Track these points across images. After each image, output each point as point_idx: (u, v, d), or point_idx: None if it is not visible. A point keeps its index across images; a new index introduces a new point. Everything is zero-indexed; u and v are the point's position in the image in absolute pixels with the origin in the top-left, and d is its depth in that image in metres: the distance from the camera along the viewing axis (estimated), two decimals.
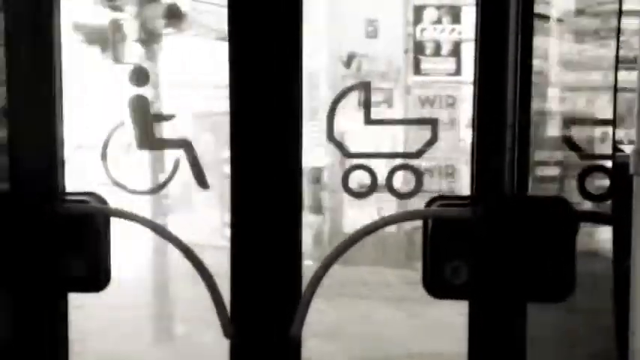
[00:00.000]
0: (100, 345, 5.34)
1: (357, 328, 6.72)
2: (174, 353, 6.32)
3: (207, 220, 9.44)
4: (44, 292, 2.05)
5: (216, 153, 7.62)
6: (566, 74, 2.46)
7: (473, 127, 1.94)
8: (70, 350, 2.16)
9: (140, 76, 2.12)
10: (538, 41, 1.97)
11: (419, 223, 2.09)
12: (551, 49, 2.31)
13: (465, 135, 8.42)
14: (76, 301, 2.13)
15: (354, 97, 2.01)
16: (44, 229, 2.00)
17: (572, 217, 1.91)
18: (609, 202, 2.02)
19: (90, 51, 7.03)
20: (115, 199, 2.08)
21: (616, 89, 1.93)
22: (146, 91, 2.11)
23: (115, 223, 2.06)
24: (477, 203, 1.95)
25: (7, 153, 2.00)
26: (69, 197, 2.08)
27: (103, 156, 2.12)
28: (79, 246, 2.06)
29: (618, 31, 1.96)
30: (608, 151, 2.07)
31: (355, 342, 6.32)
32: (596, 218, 1.97)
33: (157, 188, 2.12)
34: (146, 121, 2.10)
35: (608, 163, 2.04)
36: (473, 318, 2.02)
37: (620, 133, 2.15)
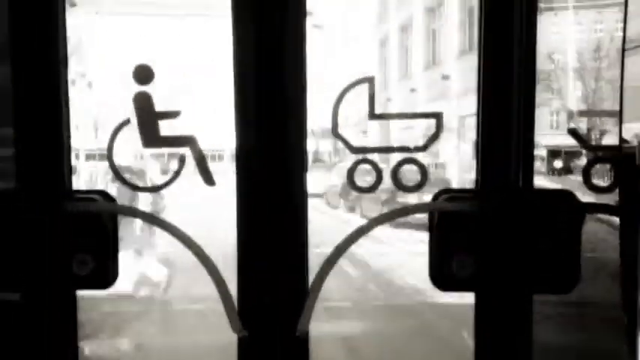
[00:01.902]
0: None
1: None
2: None
3: None
4: (53, 290, 2.07)
5: None
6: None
7: (477, 120, 1.95)
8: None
9: (144, 73, 2.12)
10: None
11: None
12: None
13: None
14: None
15: None
16: (52, 227, 2.01)
17: (578, 209, 1.92)
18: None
19: None
20: None
21: (622, 80, 1.92)
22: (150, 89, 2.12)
23: None
24: (483, 196, 1.95)
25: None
26: (77, 196, 2.10)
27: (109, 154, 2.13)
28: (87, 244, 2.07)
29: (625, 21, 1.95)
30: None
31: None
32: (603, 210, 1.97)
33: (163, 185, 2.11)
34: (151, 119, 2.10)
35: None
36: (479, 309, 2.03)
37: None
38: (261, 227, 2.01)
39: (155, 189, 2.15)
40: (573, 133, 2.04)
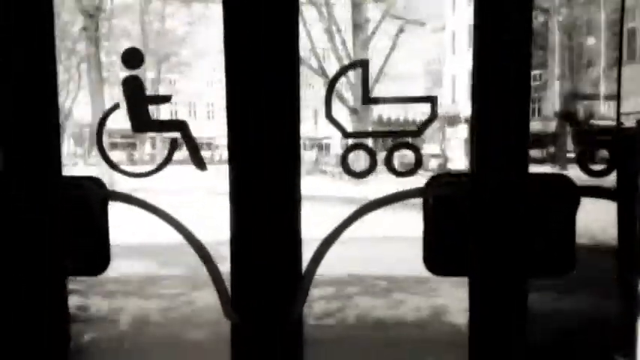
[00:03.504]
0: None
1: None
2: None
3: None
4: (43, 275, 2.04)
5: None
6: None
7: (472, 105, 1.93)
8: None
9: (133, 57, 2.08)
10: None
11: None
12: None
13: None
14: None
15: None
16: (41, 213, 1.98)
17: (574, 193, 1.91)
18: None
19: None
20: None
21: (620, 63, 1.91)
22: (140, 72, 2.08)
23: None
24: (477, 181, 1.94)
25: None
26: (66, 181, 2.06)
27: (99, 139, 2.10)
28: (77, 229, 2.05)
29: (623, 3, 1.93)
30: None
31: None
32: (599, 193, 1.97)
33: (155, 170, 2.08)
34: (140, 103, 2.07)
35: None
36: (473, 294, 2.03)
37: None
38: (254, 212, 1.99)
39: (146, 174, 2.12)
40: (567, 116, 2.03)
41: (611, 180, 1.98)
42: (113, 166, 2.12)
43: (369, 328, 4.25)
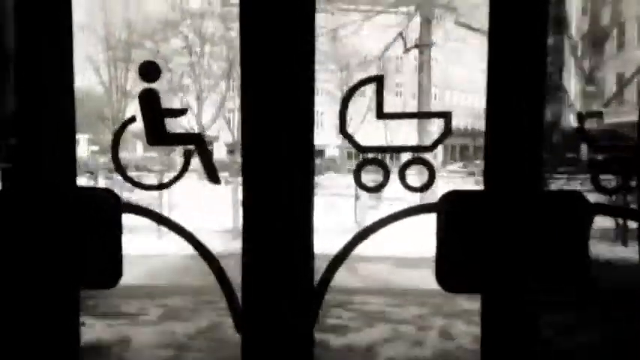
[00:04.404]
0: None
1: None
2: None
3: None
4: (56, 287, 2.05)
5: None
6: None
7: (486, 121, 1.93)
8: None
9: (150, 70, 2.09)
10: None
11: None
12: None
13: None
14: None
15: None
16: (55, 224, 1.99)
17: (588, 211, 1.90)
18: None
19: None
20: None
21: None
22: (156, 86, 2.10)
23: None
24: (492, 198, 1.94)
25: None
26: (81, 192, 2.08)
27: (114, 153, 2.11)
28: (90, 241, 2.05)
29: None
30: None
31: None
32: (613, 212, 1.96)
33: (169, 183, 2.09)
34: (156, 116, 2.08)
35: None
36: (486, 311, 2.02)
37: None
38: (267, 223, 1.99)
39: (160, 187, 2.13)
40: (580, 132, 2.01)
41: None
42: (127, 178, 2.12)
43: None
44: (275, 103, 1.95)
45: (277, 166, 1.96)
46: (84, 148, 20.16)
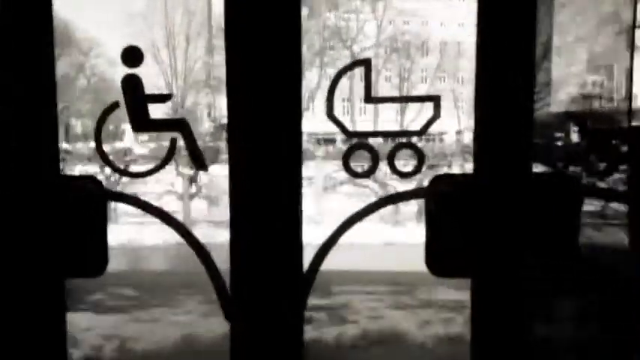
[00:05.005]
0: None
1: None
2: None
3: None
4: (41, 277, 2.02)
5: None
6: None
7: (475, 104, 1.91)
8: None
9: (133, 55, 2.05)
10: None
11: None
12: None
13: None
14: None
15: None
16: (38, 213, 1.96)
17: (578, 193, 1.89)
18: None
19: None
20: None
21: (632, 56, 1.89)
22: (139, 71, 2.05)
23: None
24: (481, 182, 1.92)
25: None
26: (65, 181, 2.04)
27: (97, 140, 2.07)
28: (75, 230, 2.02)
29: (635, 6, 1.91)
30: None
31: None
32: (604, 194, 1.95)
33: (154, 170, 2.05)
34: (139, 102, 2.04)
35: None
36: (476, 295, 2.02)
37: None
38: (254, 210, 1.96)
39: (144, 174, 2.09)
40: (571, 116, 2.01)
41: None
42: (111, 165, 2.09)
43: None
44: (262, 90, 1.91)
45: (263, 154, 1.93)
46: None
